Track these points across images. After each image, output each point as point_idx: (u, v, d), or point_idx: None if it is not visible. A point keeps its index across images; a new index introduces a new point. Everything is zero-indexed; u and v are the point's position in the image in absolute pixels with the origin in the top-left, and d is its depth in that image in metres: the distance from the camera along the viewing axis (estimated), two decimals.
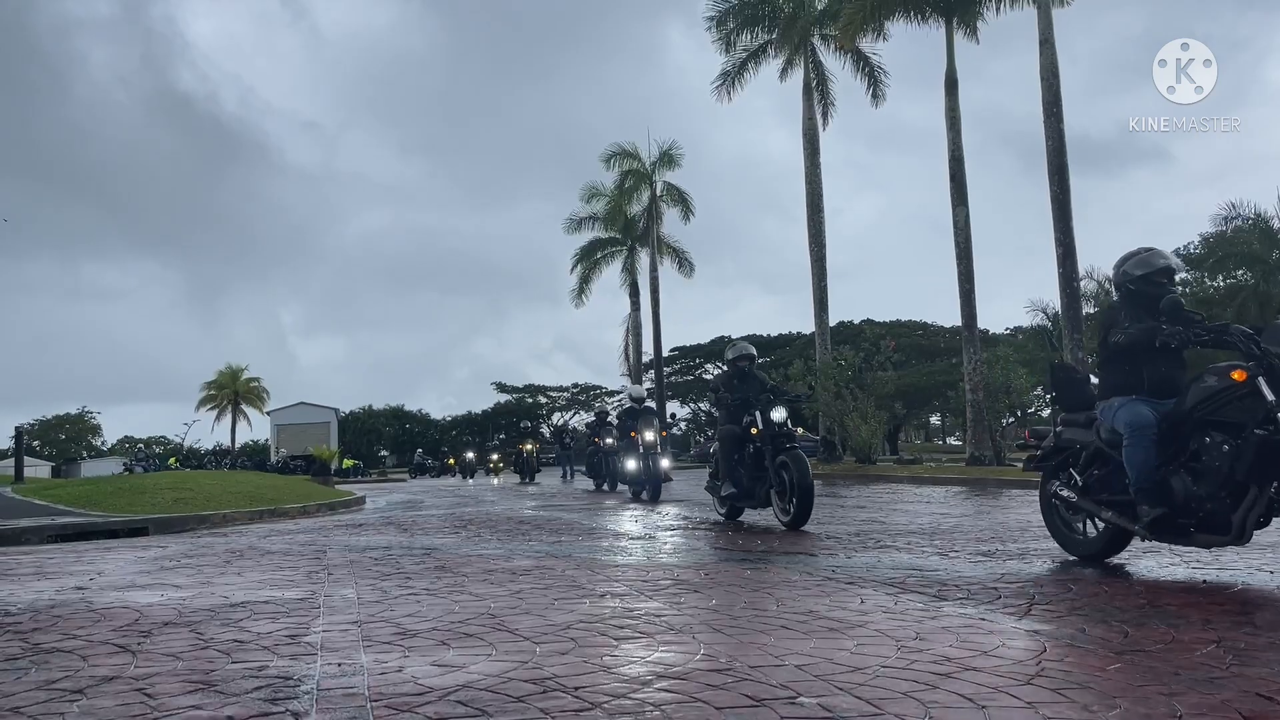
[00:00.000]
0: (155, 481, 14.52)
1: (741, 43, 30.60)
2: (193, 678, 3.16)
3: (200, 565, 6.59)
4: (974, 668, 3.08)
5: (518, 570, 5.88)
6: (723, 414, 9.45)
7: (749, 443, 9.02)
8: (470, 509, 13.20)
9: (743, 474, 9.04)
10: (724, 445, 9.18)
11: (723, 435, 9.22)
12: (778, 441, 8.70)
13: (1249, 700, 2.67)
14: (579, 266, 44.94)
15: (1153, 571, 5.33)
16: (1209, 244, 49.69)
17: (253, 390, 63.43)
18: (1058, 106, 20.66)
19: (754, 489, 8.92)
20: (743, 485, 9.02)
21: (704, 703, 2.72)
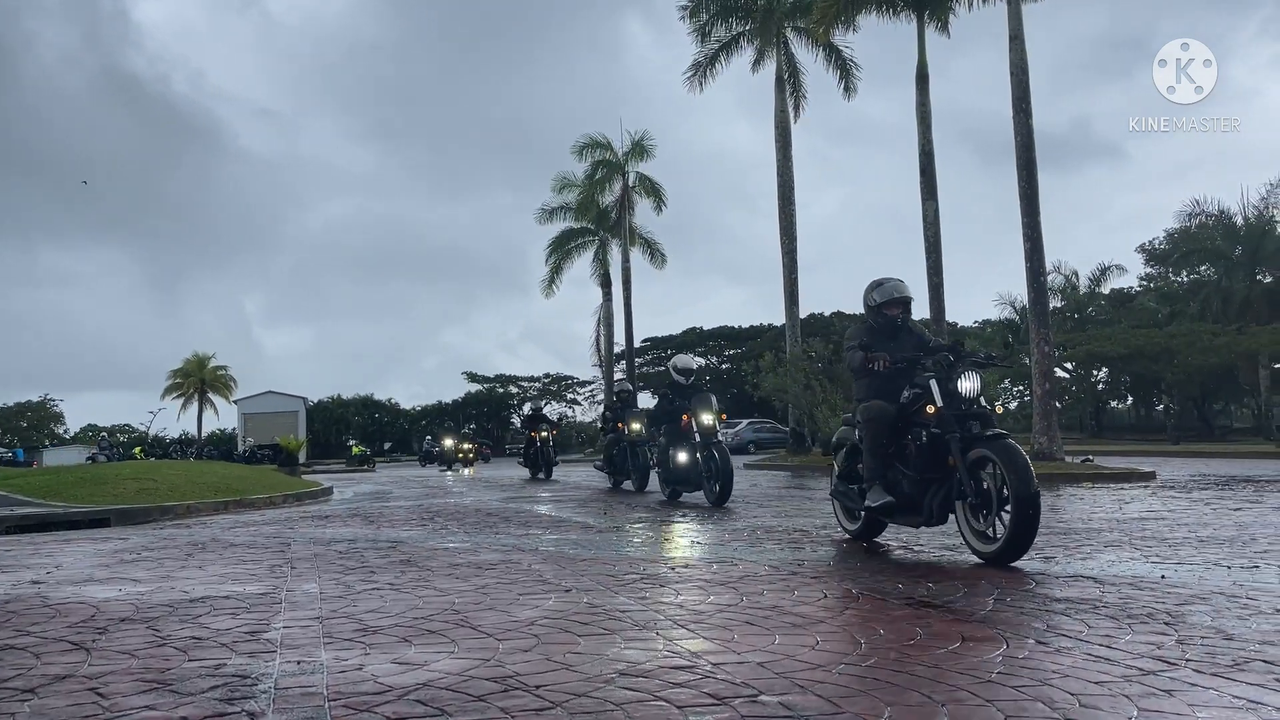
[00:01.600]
0: (118, 471, 14.32)
1: (716, 34, 30.57)
2: (147, 676, 3.11)
3: (161, 558, 6.50)
4: (937, 665, 3.09)
5: (483, 564, 5.85)
6: (862, 384, 6.63)
7: (919, 428, 6.01)
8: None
9: (902, 475, 6.11)
10: (871, 431, 6.28)
11: (870, 415, 6.29)
12: (967, 426, 5.75)
13: (1205, 695, 2.69)
14: (552, 257, 44.83)
15: (1113, 567, 5.39)
16: (1174, 240, 50.36)
17: (220, 379, 62.78)
18: (1026, 102, 20.79)
19: (920, 497, 5.99)
20: (902, 491, 6.08)
21: (665, 701, 2.72)
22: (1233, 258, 45.00)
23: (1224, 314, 43.90)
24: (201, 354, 62.71)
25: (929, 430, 5.91)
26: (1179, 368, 39.54)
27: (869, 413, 6.31)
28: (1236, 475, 14.52)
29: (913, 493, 6.02)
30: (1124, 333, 46.17)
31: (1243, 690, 2.76)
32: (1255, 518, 7.88)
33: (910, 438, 6.07)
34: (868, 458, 6.34)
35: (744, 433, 45.06)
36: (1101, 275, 53.61)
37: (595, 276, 45.31)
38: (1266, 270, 45.35)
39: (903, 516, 6.21)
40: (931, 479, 5.90)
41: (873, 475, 6.27)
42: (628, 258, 42.57)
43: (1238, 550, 5.85)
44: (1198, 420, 47.37)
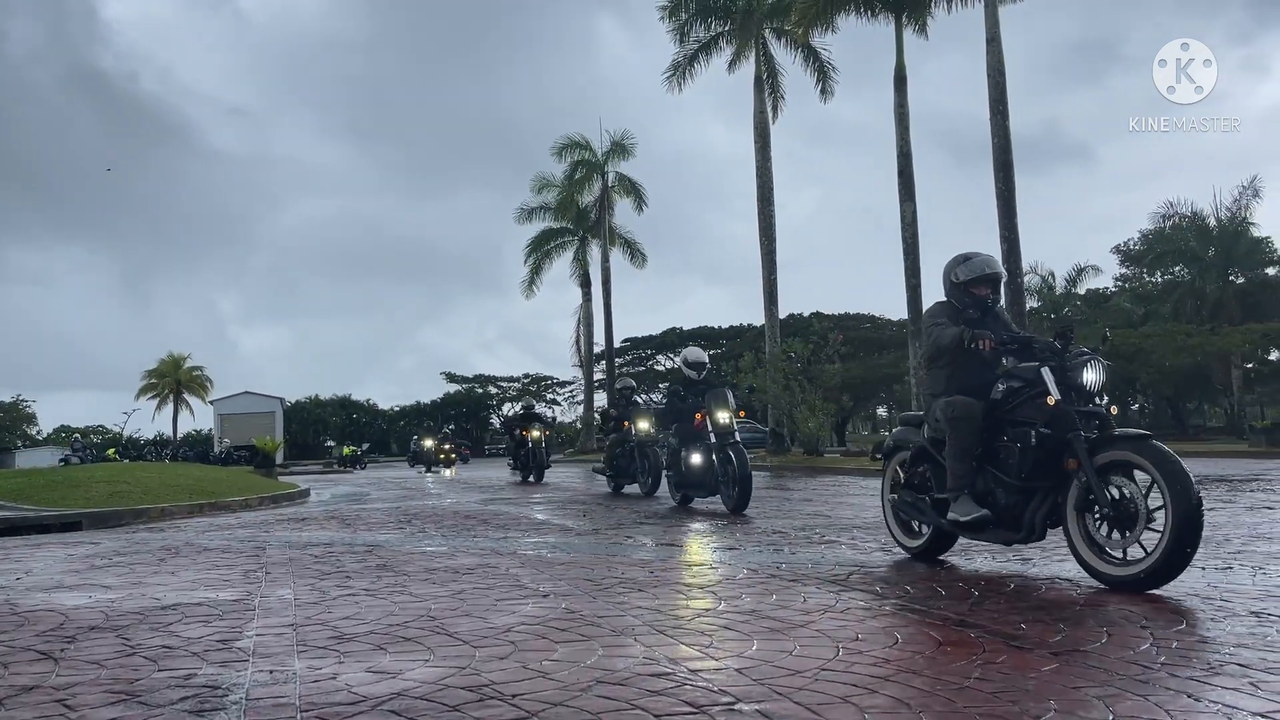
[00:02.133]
0: (91, 474, 14.15)
1: (695, 34, 30.61)
2: (116, 688, 3.06)
3: (133, 564, 6.42)
4: (913, 670, 3.09)
5: (460, 568, 5.81)
6: (940, 376, 5.66)
7: (1023, 426, 5.02)
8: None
9: (996, 483, 5.16)
10: (960, 431, 5.23)
11: (958, 413, 5.24)
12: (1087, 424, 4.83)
13: (1180, 701, 2.70)
14: (531, 257, 44.75)
15: None
16: (1148, 241, 50.79)
17: (195, 379, 62.28)
18: (1003, 104, 20.93)
19: (1020, 509, 5.05)
20: (997, 503, 5.15)
21: (643, 710, 2.69)
22: (1206, 259, 45.44)
23: (1197, 314, 44.32)
24: (177, 354, 62.24)
25: (1037, 429, 4.92)
26: (1153, 368, 39.87)
27: (956, 409, 5.24)
28: (1210, 475, 14.65)
29: (1010, 504, 5.06)
30: (1099, 333, 46.51)
31: (1218, 695, 2.77)
32: (1228, 518, 7.95)
33: (1007, 438, 5.10)
34: (955, 463, 5.28)
35: None
36: (1077, 276, 54.01)
37: (575, 276, 45.30)
38: (1239, 271, 45.84)
39: (996, 532, 5.21)
40: (1036, 487, 4.97)
41: (960, 484, 5.25)
42: (607, 257, 42.60)
43: (1211, 551, 5.88)
44: (1172, 420, 47.82)
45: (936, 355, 5.57)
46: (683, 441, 10.62)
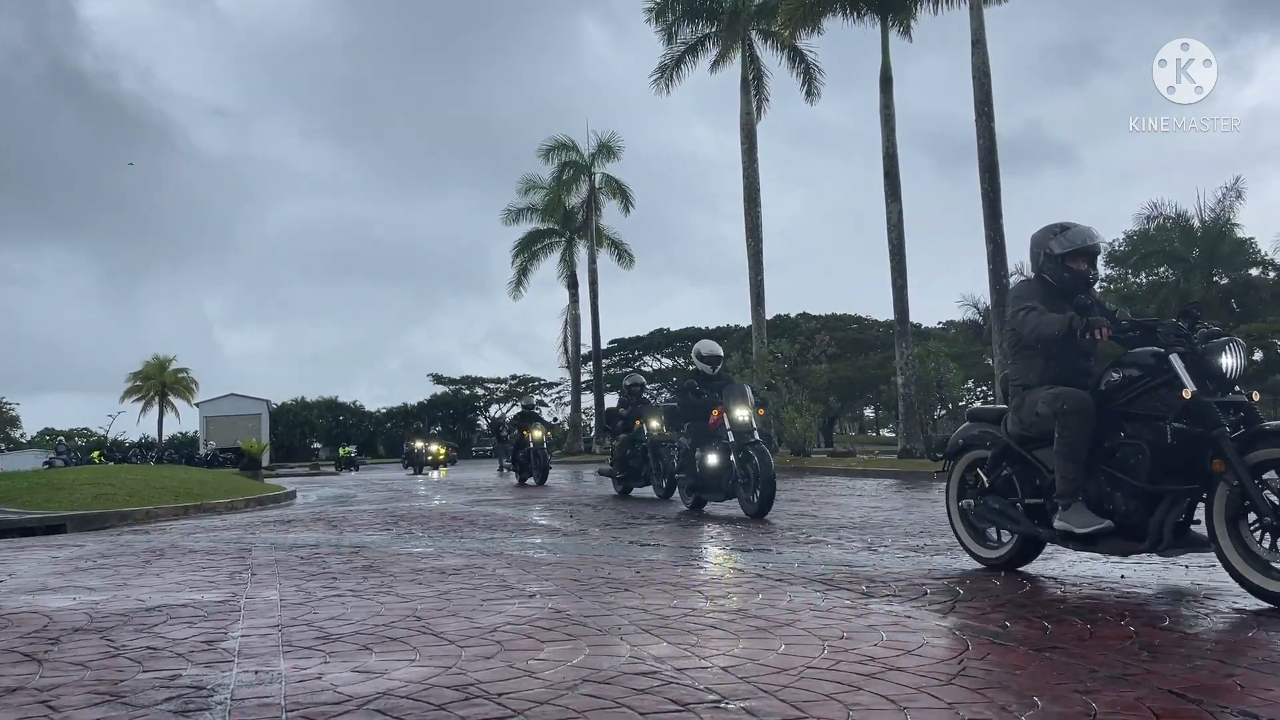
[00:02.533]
0: (75, 476, 14.07)
1: (682, 35, 30.66)
2: (100, 689, 3.04)
3: (118, 565, 6.39)
4: (898, 667, 3.10)
5: (446, 569, 5.81)
6: (1033, 365, 4.94)
7: (1151, 420, 4.40)
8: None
9: (1114, 487, 4.51)
10: (1071, 427, 4.55)
11: (1068, 406, 4.57)
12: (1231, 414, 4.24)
13: (1161, 698, 2.72)
14: (518, 258, 44.73)
15: (1074, 566, 5.44)
16: (1132, 241, 51.09)
17: (181, 381, 61.96)
18: (989, 105, 21.02)
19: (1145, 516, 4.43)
20: (1117, 509, 4.49)
21: (629, 708, 2.70)
22: (1190, 259, 45.75)
23: None
24: (162, 356, 61.91)
25: (1170, 424, 4.27)
26: None
27: (1066, 402, 4.57)
28: None
29: (1131, 509, 4.42)
30: None
31: (1195, 693, 2.79)
32: None
33: (1125, 435, 4.46)
34: (1065, 464, 4.57)
35: None
36: None
37: (562, 278, 45.29)
38: (1223, 272, 46.16)
39: (1113, 542, 4.54)
40: (1164, 491, 4.33)
41: (1071, 488, 4.56)
42: (594, 258, 42.59)
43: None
44: None
45: (1032, 344, 4.86)
46: (697, 441, 9.90)
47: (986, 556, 5.37)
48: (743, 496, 9.14)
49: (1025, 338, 4.87)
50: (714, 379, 10.35)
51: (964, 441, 5.53)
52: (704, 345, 10.81)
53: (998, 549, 5.33)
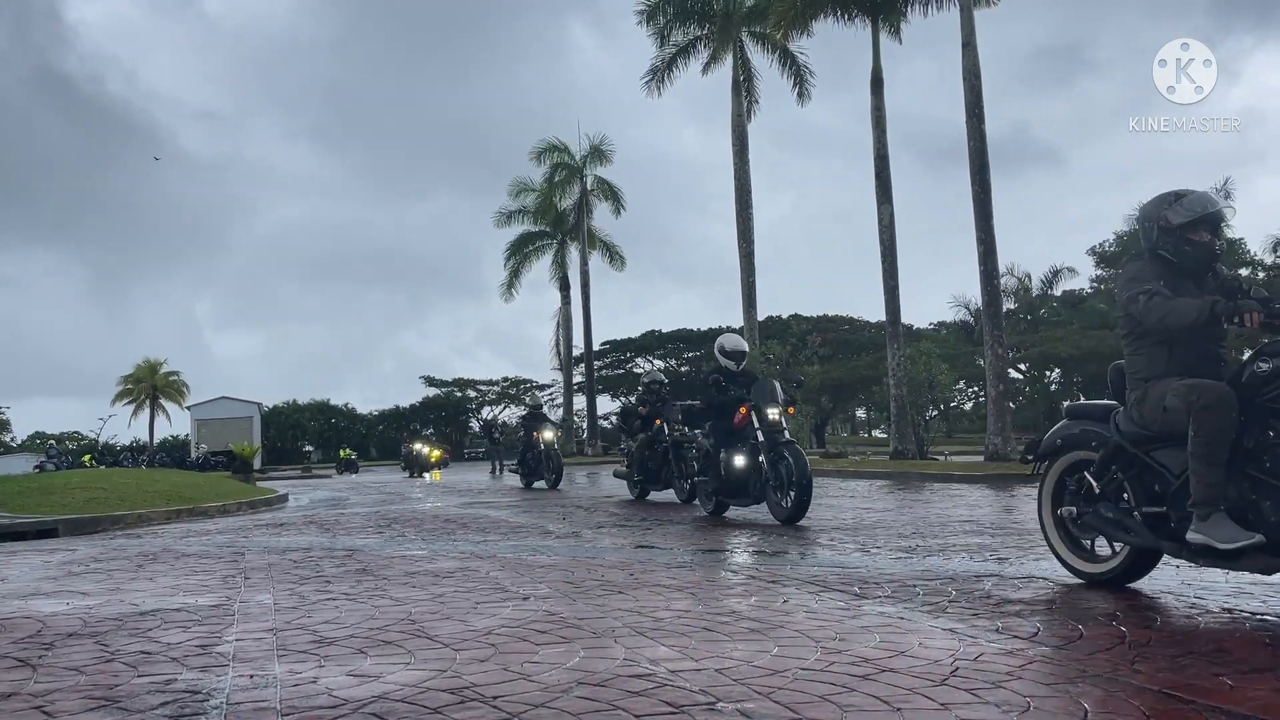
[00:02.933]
0: (66, 480, 14.03)
1: (674, 38, 30.69)
2: (95, 694, 3.04)
3: (110, 570, 6.38)
4: (891, 669, 3.12)
5: (440, 572, 5.81)
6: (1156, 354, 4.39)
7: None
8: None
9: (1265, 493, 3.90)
10: (1211, 425, 3.96)
11: (1206, 400, 3.99)
12: None
13: (1151, 697, 2.74)
14: (511, 260, 44.74)
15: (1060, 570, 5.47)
16: (1122, 241, 51.27)
17: (172, 384, 61.71)
18: (979, 107, 21.08)
19: None
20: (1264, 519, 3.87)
21: (624, 710, 2.71)
22: None
23: None
24: (153, 359, 61.63)
25: None
26: None
27: (1204, 396, 3.98)
28: None
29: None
30: (1076, 334, 46.97)
31: (1191, 694, 2.81)
32: None
33: (1274, 435, 3.85)
34: (1203, 468, 3.94)
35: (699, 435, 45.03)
36: (1053, 277, 54.52)
37: (554, 280, 45.34)
38: None
39: (1260, 559, 3.89)
40: None
41: (1210, 496, 3.94)
42: (586, 260, 42.61)
43: None
44: None
45: (1156, 331, 4.31)
46: (721, 441, 9.28)
47: (1090, 571, 4.77)
48: (773, 500, 8.57)
49: (1152, 327, 4.27)
50: (738, 375, 9.77)
51: (1062, 441, 4.89)
52: (727, 339, 10.13)
53: (1104, 563, 4.73)
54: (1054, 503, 4.94)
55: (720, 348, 10.01)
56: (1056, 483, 4.95)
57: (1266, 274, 48.55)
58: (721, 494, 9.37)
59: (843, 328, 58.19)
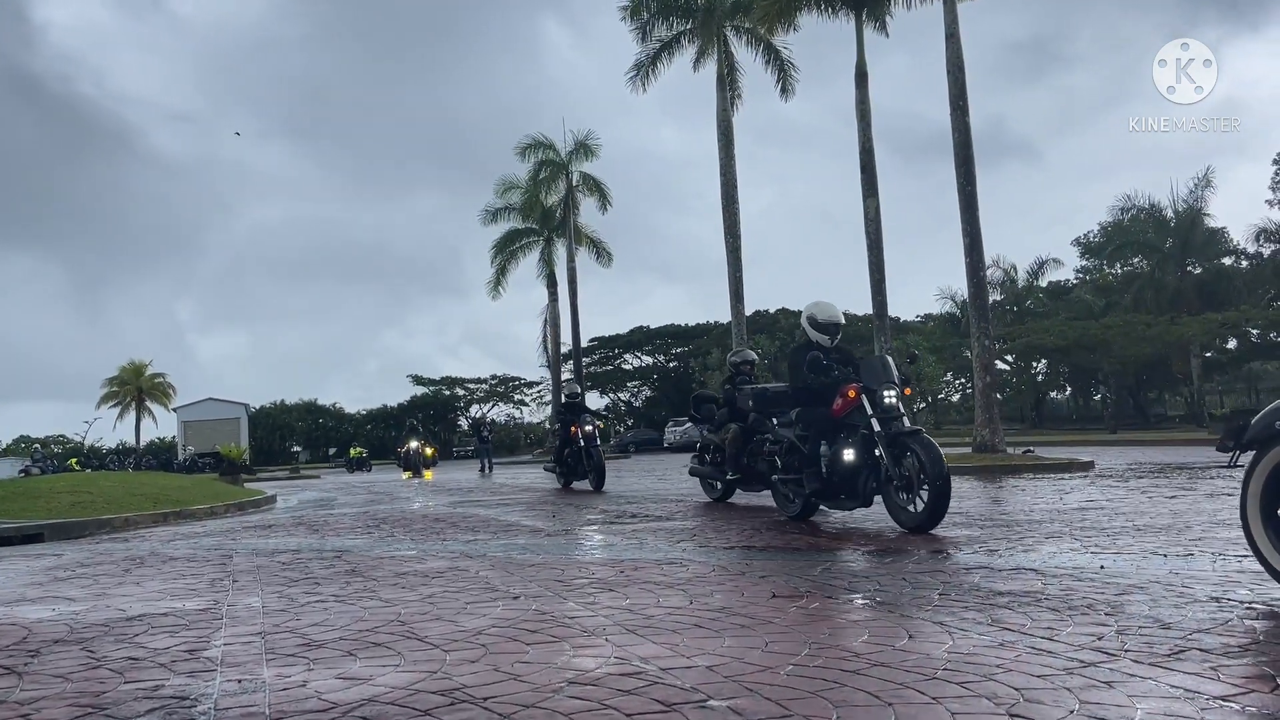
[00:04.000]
0: (52, 484, 13.95)
1: (657, 33, 30.64)
2: (82, 701, 3.02)
3: (97, 575, 6.34)
4: (882, 663, 3.11)
5: (430, 572, 5.79)
6: None
7: None
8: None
9: None
10: None
11: None
12: None
13: (1144, 686, 2.74)
14: (497, 258, 44.66)
15: (1054, 558, 5.49)
16: (1107, 233, 51.54)
17: (157, 386, 61.50)
18: (963, 99, 21.11)
19: None
20: None
21: (614, 709, 2.70)
22: (1164, 250, 46.21)
23: (1156, 304, 45.06)
24: (138, 361, 61.42)
25: None
26: (1115, 358, 40.48)
27: None
28: (1171, 463, 14.91)
29: None
30: (1062, 325, 47.18)
31: (1180, 679, 2.82)
32: (1189, 505, 8.09)
33: None
34: None
35: (692, 431, 45.13)
36: (1039, 269, 54.70)
37: (541, 277, 45.31)
38: (1196, 261, 46.64)
39: None
40: None
41: None
42: (573, 257, 42.55)
43: (1173, 538, 5.99)
44: (1133, 409, 48.57)
45: None
46: (816, 432, 7.75)
47: None
48: (895, 502, 7.10)
49: None
50: (833, 352, 8.09)
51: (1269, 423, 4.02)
52: (820, 308, 8.27)
53: None
54: (1268, 500, 4.07)
55: (811, 319, 8.21)
56: (1270, 476, 4.07)
57: (1249, 262, 48.87)
58: (821, 495, 7.76)
59: None
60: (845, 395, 7.45)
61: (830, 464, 7.55)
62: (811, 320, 8.18)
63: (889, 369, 7.53)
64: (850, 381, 7.54)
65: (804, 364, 7.87)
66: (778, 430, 8.56)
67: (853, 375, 7.65)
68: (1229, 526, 6.47)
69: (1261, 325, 42.65)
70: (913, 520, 6.86)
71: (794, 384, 8.22)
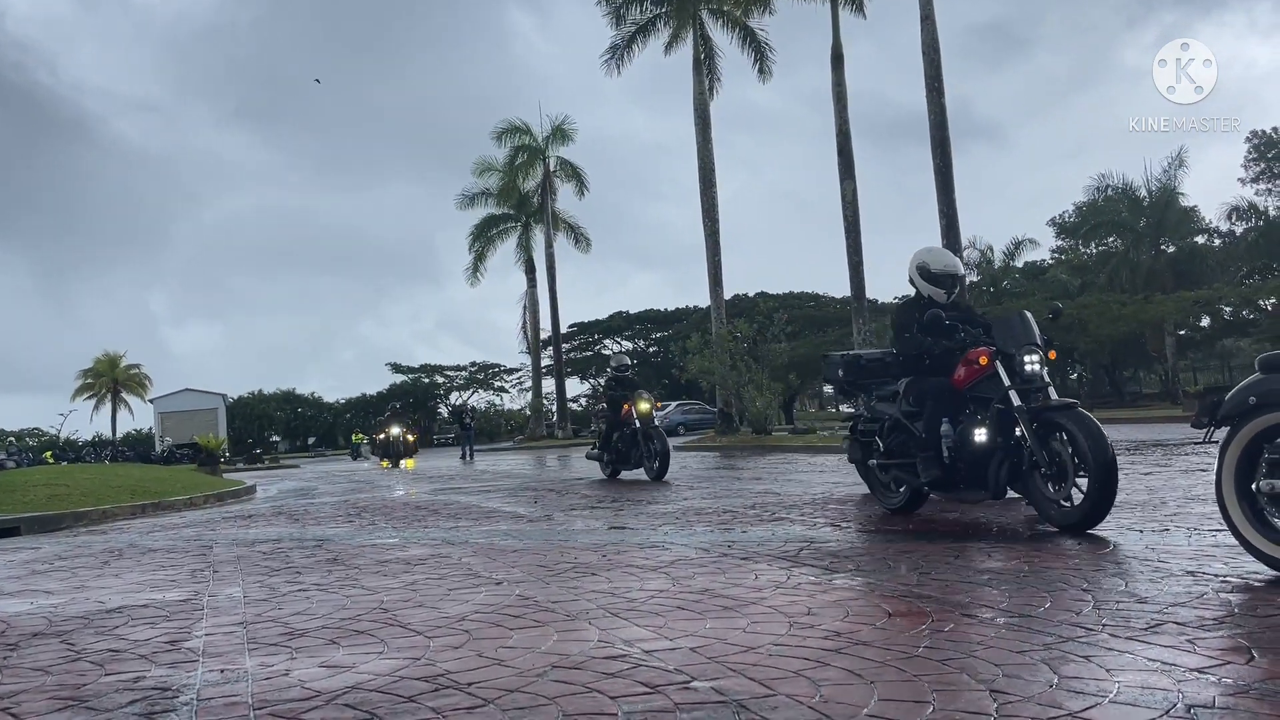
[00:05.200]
0: (28, 477, 13.81)
1: (631, 16, 30.51)
2: (62, 694, 3.00)
3: (75, 567, 6.29)
4: (864, 641, 3.14)
5: (412, 560, 5.78)
6: None
7: None
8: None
9: None
10: None
11: None
12: None
13: (1122, 660, 2.78)
14: (475, 244, 44.47)
15: (1037, 538, 5.53)
16: (1081, 212, 51.83)
17: (133, 378, 60.99)
18: (939, 81, 21.18)
19: None
20: None
21: (599, 692, 2.71)
22: (1138, 229, 46.52)
23: (1131, 284, 45.39)
24: (112, 353, 60.85)
25: None
26: (1090, 337, 40.75)
27: None
28: (1146, 440, 15.06)
29: None
30: (1038, 305, 47.45)
31: (1157, 653, 2.85)
32: (1164, 481, 8.17)
33: None
34: None
35: (673, 415, 45.28)
36: (1015, 249, 54.91)
37: (520, 263, 45.16)
38: (1170, 240, 47.00)
39: None
40: None
41: None
42: (551, 243, 42.44)
43: (1149, 514, 6.05)
44: (1109, 387, 48.95)
45: None
46: (935, 406, 6.32)
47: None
48: (1042, 494, 5.75)
49: None
50: (951, 309, 6.70)
51: (1257, 399, 4.01)
52: (933, 255, 6.86)
53: None
54: (1242, 476, 4.09)
55: (922, 268, 6.78)
56: (1243, 451, 4.09)
57: (1222, 241, 49.31)
58: (939, 485, 6.44)
59: (808, 304, 58.39)
60: (974, 361, 6.12)
61: (956, 447, 6.15)
62: (923, 270, 6.75)
63: (1029, 327, 6.10)
64: (979, 344, 6.21)
65: (917, 324, 6.49)
66: (875, 406, 7.13)
67: (982, 336, 6.31)
68: (1204, 502, 6.54)
69: (1234, 303, 43.06)
70: (1068, 517, 5.54)
71: (903, 349, 6.84)
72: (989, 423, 5.95)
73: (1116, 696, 2.46)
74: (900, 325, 6.84)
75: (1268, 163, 51.56)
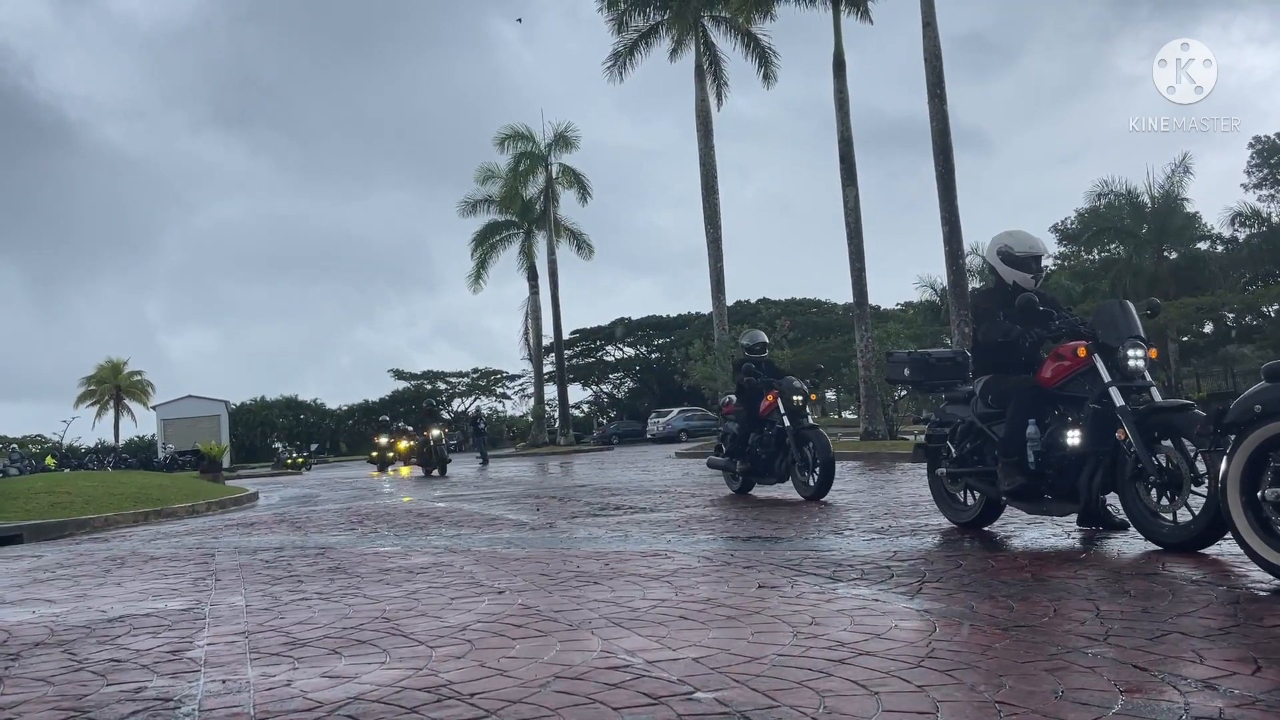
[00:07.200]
0: (30, 484, 13.81)
1: (634, 23, 30.59)
2: (64, 704, 2.99)
3: (77, 575, 6.28)
4: (867, 651, 3.13)
5: (414, 568, 5.77)
6: None
7: None
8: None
9: None
10: None
11: None
12: None
13: (1125, 671, 2.76)
14: (477, 251, 44.49)
15: (1037, 542, 5.52)
16: (1084, 219, 51.83)
17: (136, 385, 60.99)
18: (941, 88, 21.19)
19: None
20: None
21: (601, 703, 2.70)
22: (1141, 235, 46.50)
23: (1134, 290, 45.33)
24: (115, 359, 60.86)
25: None
26: None
27: None
28: None
29: None
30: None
31: (1163, 664, 2.84)
32: None
33: None
34: None
35: (675, 421, 45.28)
36: None
37: (522, 269, 45.14)
38: (1172, 247, 46.97)
39: None
40: None
41: None
42: (554, 250, 42.45)
43: None
44: None
45: None
46: (1019, 406, 5.66)
47: None
48: (1145, 507, 5.09)
49: None
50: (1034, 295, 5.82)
51: (1263, 408, 3.93)
52: (1016, 238, 6.12)
53: None
54: (1248, 485, 4.02)
55: (1004, 252, 6.09)
56: (1249, 459, 4.02)
57: (1225, 247, 49.28)
58: (1020, 495, 5.66)
59: (811, 311, 58.45)
60: (1068, 356, 5.47)
61: (1043, 452, 5.53)
62: (1005, 254, 6.07)
63: (1131, 318, 5.40)
64: (1078, 334, 5.55)
65: (1004, 311, 5.87)
66: (945, 410, 6.60)
67: (1080, 325, 5.64)
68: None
69: (1237, 309, 43.07)
70: (1178, 535, 4.88)
71: (986, 336, 5.98)
72: (1084, 424, 5.32)
73: (1121, 710, 2.45)
74: (981, 314, 6.19)
75: (1271, 168, 51.55)
